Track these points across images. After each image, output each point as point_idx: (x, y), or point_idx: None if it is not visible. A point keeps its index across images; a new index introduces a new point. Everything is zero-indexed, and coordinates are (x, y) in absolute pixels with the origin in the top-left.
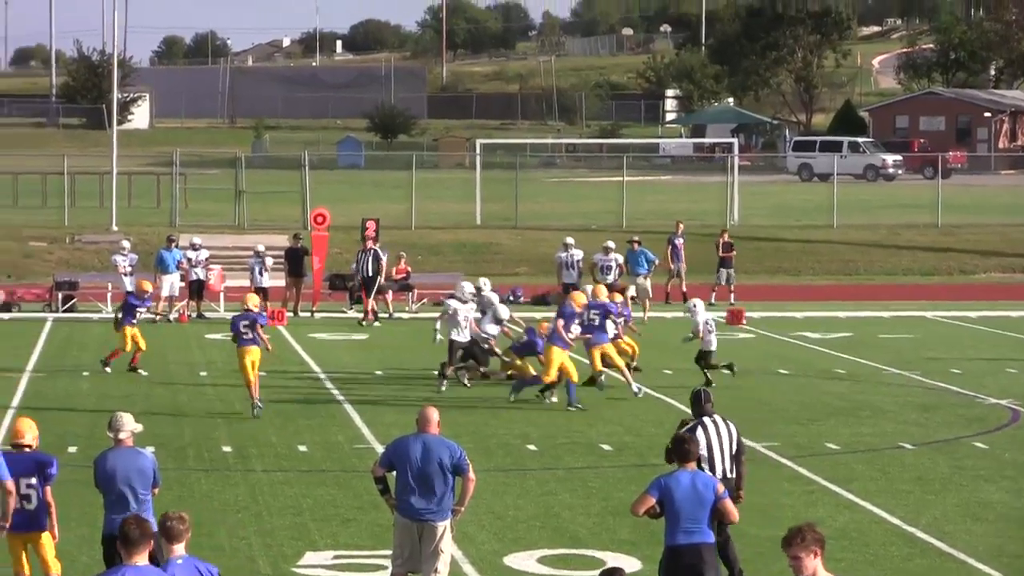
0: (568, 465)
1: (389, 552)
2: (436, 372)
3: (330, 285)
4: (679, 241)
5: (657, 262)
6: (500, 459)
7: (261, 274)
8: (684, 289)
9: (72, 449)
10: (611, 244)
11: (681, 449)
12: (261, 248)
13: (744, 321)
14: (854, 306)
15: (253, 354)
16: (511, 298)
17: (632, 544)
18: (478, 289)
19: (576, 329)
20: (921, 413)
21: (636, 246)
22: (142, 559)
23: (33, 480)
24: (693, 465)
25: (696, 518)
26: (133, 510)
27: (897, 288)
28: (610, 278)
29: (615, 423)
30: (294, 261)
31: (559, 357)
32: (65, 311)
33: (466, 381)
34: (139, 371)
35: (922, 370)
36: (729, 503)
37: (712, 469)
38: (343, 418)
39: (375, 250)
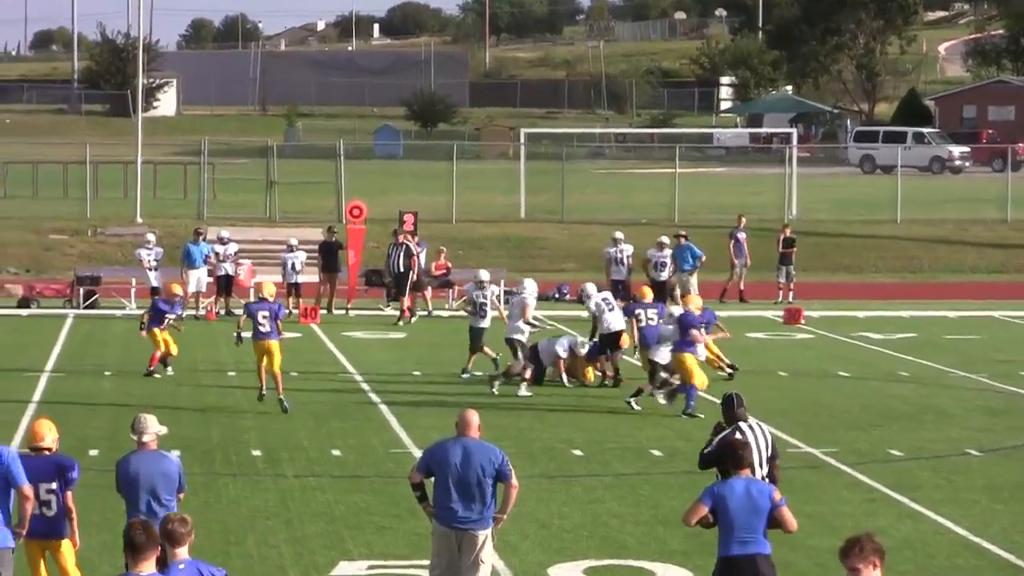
0: (616, 471)
1: (427, 562)
2: (491, 374)
3: (366, 281)
4: (741, 235)
5: (704, 258)
6: (544, 465)
7: (294, 269)
8: (742, 287)
9: (93, 452)
10: (665, 239)
11: (735, 455)
12: (294, 241)
13: (802, 321)
14: (918, 305)
15: (271, 349)
16: (556, 296)
17: (684, 555)
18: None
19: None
20: (989, 418)
21: (682, 241)
22: (148, 566)
23: (53, 485)
24: (748, 472)
25: (751, 527)
26: (158, 516)
27: (964, 286)
28: (664, 275)
29: (665, 427)
30: (328, 256)
31: (692, 360)
32: (86, 307)
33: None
34: (167, 370)
35: (990, 373)
36: (787, 511)
37: (755, 475)
38: (379, 421)
39: (407, 245)
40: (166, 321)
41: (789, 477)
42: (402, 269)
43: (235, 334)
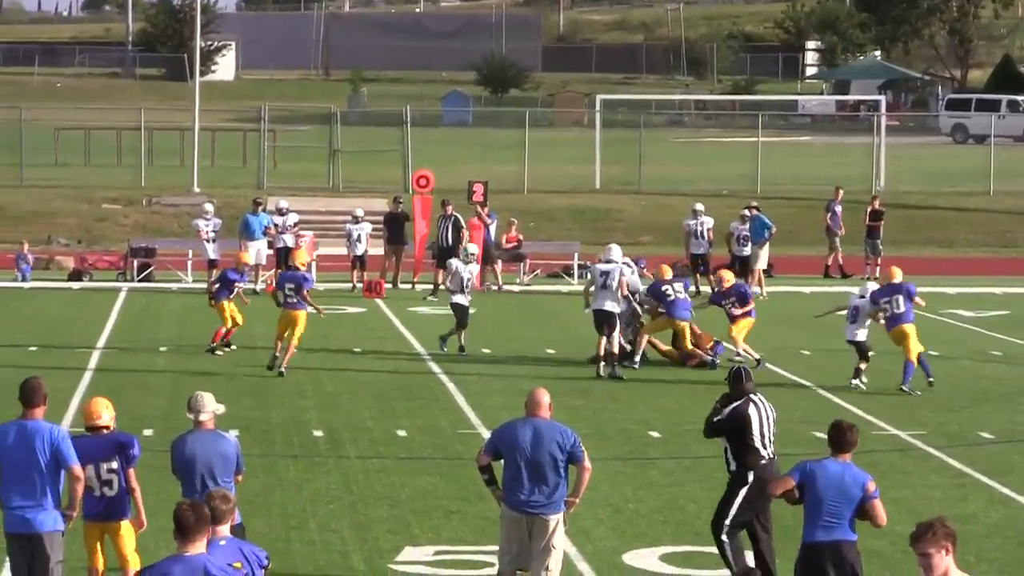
0: (695, 454)
1: (495, 548)
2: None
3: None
4: (839, 208)
5: (774, 230)
6: (619, 447)
7: (359, 241)
8: (841, 261)
9: (148, 432)
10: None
11: (840, 438)
12: (359, 212)
13: None
14: (1011, 281)
15: (294, 319)
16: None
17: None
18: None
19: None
20: None
21: (753, 212)
22: (198, 547)
23: (114, 464)
24: (848, 456)
25: (838, 513)
26: None
27: None
28: (746, 249)
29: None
30: (394, 228)
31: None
32: (141, 280)
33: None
34: (230, 346)
35: None
36: (879, 504)
37: (765, 451)
38: (446, 400)
39: (456, 216)
40: (235, 291)
41: (874, 460)
42: (450, 243)
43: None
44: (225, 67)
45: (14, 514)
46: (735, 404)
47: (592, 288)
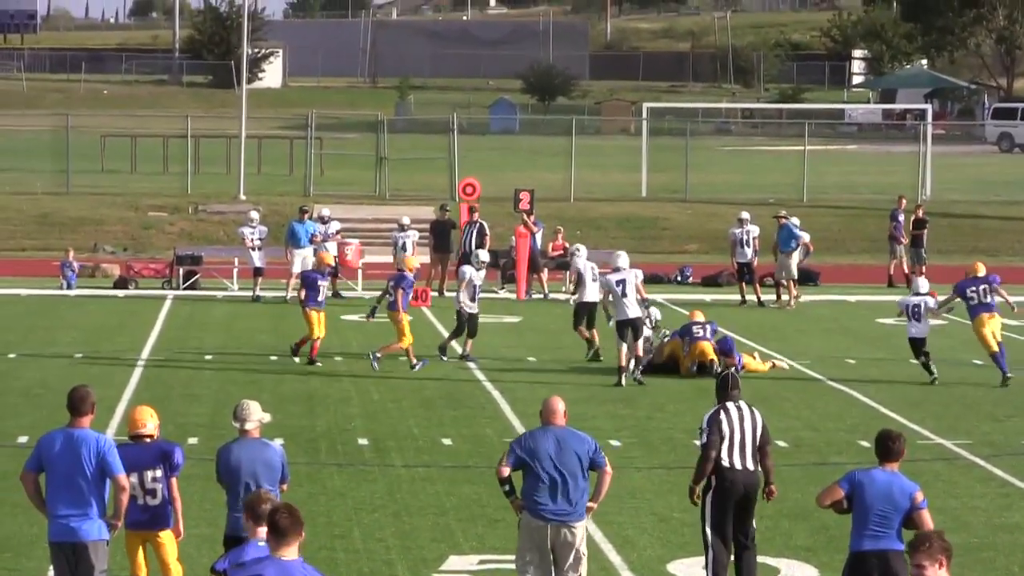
0: None
1: None
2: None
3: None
4: (902, 217)
5: (805, 239)
6: (664, 456)
7: (404, 249)
8: (905, 269)
9: (193, 440)
10: (745, 215)
11: (884, 446)
12: (406, 221)
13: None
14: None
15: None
16: (679, 278)
17: (808, 550)
18: None
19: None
20: None
21: (783, 220)
22: (291, 552)
23: (159, 472)
24: (895, 465)
25: (887, 523)
26: None
27: None
28: (749, 254)
29: (792, 417)
30: (440, 236)
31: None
32: (187, 288)
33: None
34: (317, 363)
35: None
36: (927, 515)
37: (731, 459)
38: (492, 409)
39: (481, 223)
40: (322, 292)
41: (919, 469)
42: (473, 248)
43: (370, 308)
44: (272, 74)
45: (59, 523)
46: (709, 412)
47: (611, 298)
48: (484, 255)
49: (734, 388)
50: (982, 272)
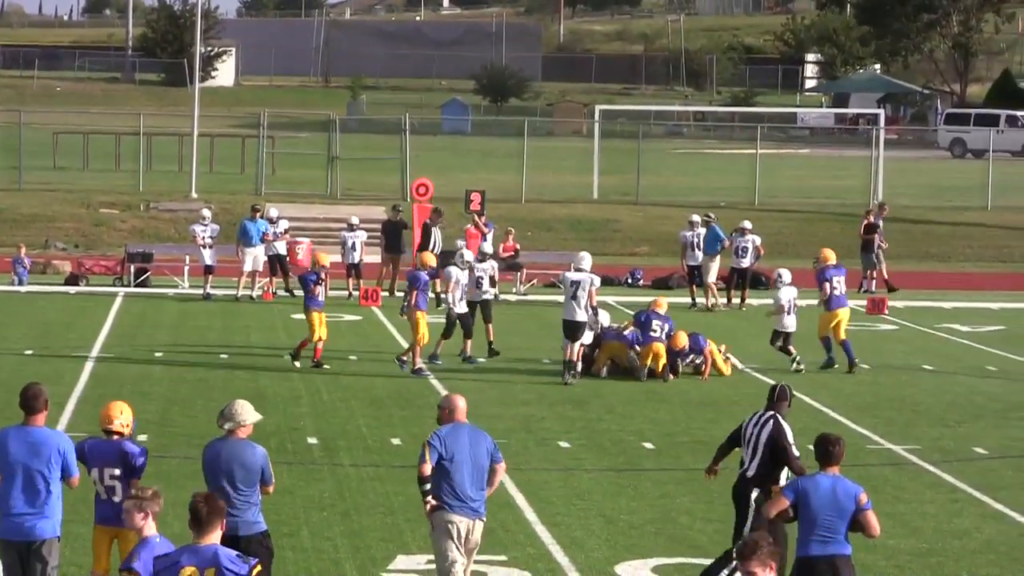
0: (688, 466)
1: (488, 557)
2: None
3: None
4: (880, 223)
5: (726, 243)
6: (613, 458)
7: (354, 249)
8: (886, 275)
9: (143, 437)
10: (747, 224)
11: (825, 450)
12: (355, 220)
13: (886, 311)
14: (1009, 296)
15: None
16: (629, 280)
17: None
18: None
19: None
20: None
21: (711, 223)
22: (211, 538)
23: (116, 471)
24: (836, 469)
25: (833, 527)
26: (234, 506)
27: None
28: (745, 261)
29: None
30: (392, 236)
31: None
32: (138, 285)
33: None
34: (321, 365)
35: None
36: (872, 515)
37: (746, 463)
38: None
39: (433, 229)
40: (319, 293)
41: (869, 474)
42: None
43: (400, 307)
44: (225, 73)
45: (13, 521)
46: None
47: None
48: (468, 255)
49: (781, 399)
50: (834, 260)
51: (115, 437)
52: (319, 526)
